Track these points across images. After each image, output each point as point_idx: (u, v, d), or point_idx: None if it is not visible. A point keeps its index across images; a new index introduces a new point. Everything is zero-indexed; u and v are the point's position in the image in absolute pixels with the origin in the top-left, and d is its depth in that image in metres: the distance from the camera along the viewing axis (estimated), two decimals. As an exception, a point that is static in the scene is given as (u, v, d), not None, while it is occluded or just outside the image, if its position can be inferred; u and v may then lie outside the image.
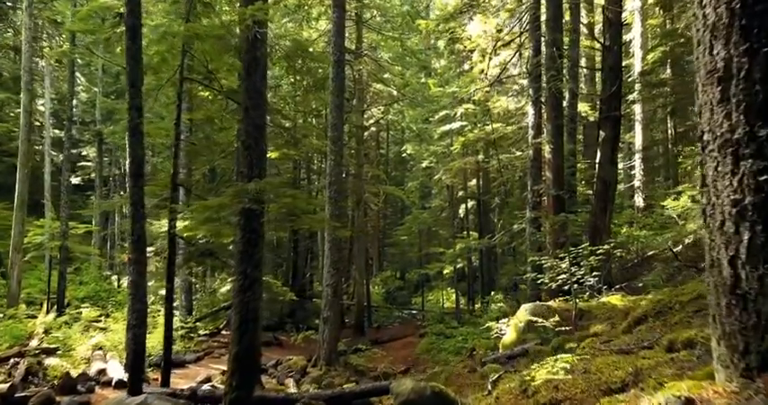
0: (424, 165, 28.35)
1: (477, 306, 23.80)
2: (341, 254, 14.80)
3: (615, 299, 8.41)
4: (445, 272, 24.30)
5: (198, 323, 19.31)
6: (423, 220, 26.00)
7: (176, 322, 16.26)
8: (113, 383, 11.15)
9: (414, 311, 26.49)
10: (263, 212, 6.86)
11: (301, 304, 25.45)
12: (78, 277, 25.66)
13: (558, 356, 4.35)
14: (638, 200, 21.44)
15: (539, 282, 10.21)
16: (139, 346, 7.96)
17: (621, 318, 7.47)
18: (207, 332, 18.53)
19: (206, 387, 10.14)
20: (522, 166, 18.78)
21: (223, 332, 18.49)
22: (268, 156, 10.96)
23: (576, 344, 6.33)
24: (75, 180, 31.23)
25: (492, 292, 22.78)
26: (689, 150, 16.90)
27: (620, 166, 19.62)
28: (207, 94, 11.00)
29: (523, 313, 8.65)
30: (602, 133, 12.42)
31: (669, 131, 22.82)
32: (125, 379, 11.57)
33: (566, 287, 8.98)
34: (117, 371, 11.63)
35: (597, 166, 12.43)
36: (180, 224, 9.24)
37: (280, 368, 13.78)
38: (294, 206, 7.06)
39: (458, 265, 25.85)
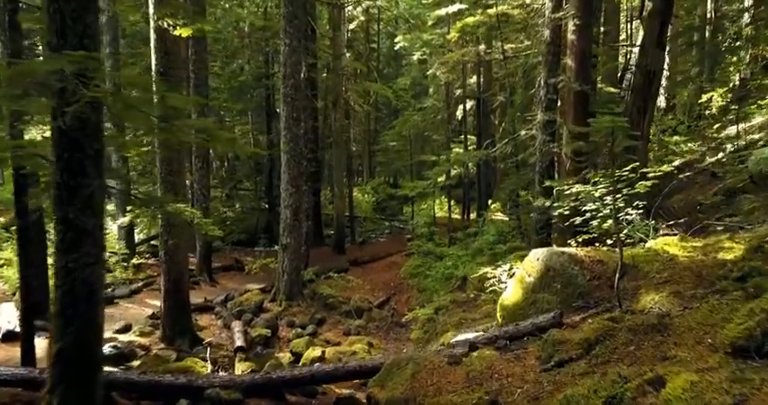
0: (416, 57, 24.59)
1: (472, 216, 21.44)
2: (302, 167, 11.88)
3: (671, 245, 5.63)
4: (439, 179, 21.61)
5: (148, 244, 16.81)
6: (414, 124, 22.85)
7: (109, 246, 13.74)
8: (1, 336, 8.80)
9: (403, 220, 24.46)
10: (94, 114, 3.86)
11: (278, 217, 22.99)
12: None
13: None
14: (660, 99, 18.38)
15: (554, 213, 7.44)
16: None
17: (693, 282, 4.75)
18: (152, 253, 15.80)
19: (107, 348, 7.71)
20: (532, 55, 15.23)
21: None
22: (176, 33, 7.70)
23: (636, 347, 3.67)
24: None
25: (489, 202, 20.28)
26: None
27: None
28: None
29: (533, 263, 5.92)
30: (648, 3, 8.99)
31: (708, 14, 19.00)
32: (17, 330, 9.23)
33: (593, 222, 6.20)
34: (10, 318, 9.20)
35: (639, 49, 9.11)
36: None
37: (230, 305, 11.41)
38: (125, 102, 4.02)
39: (452, 173, 23.13)
